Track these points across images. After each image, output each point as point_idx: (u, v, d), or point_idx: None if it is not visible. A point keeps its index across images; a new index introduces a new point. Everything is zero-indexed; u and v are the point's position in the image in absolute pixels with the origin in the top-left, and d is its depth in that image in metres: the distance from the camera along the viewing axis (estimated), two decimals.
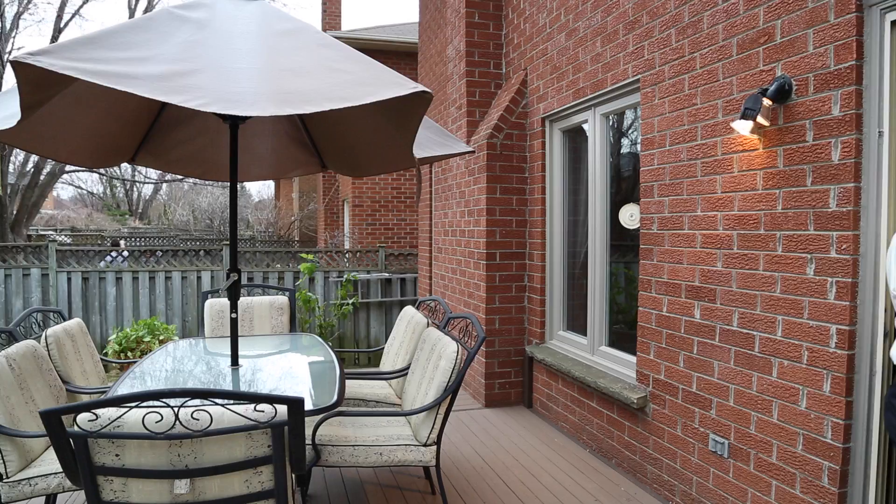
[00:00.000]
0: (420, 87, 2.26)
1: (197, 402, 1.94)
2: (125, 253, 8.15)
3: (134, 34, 2.35)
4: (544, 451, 4.26)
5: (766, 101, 2.66)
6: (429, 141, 3.32)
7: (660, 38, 3.47)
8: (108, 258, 8.11)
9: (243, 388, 2.90)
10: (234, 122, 3.20)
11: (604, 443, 4.08)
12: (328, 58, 2.56)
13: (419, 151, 2.99)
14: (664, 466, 3.48)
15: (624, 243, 4.18)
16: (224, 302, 4.46)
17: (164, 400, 1.85)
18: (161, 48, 2.31)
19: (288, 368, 3.37)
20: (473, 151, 3.63)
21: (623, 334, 4.19)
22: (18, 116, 2.21)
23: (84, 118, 3.24)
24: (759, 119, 2.68)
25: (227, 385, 2.93)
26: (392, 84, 2.34)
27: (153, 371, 3.19)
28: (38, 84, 2.14)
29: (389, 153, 3.63)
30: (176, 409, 1.83)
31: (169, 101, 2.05)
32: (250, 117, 3.42)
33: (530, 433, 4.61)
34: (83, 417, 1.84)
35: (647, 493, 3.60)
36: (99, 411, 1.84)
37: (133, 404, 1.85)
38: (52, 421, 1.82)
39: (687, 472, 3.30)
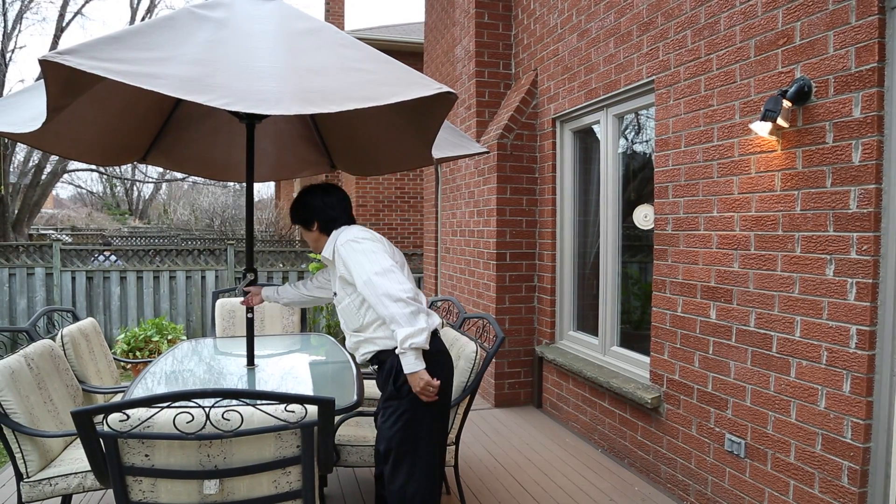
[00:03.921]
0: (445, 88, 2.25)
1: (227, 402, 1.93)
2: (112, 257, 8.11)
3: (156, 34, 2.35)
4: (556, 450, 4.26)
5: (786, 103, 2.66)
6: (444, 141, 3.32)
7: (675, 39, 3.47)
8: (101, 257, 8.07)
9: (260, 387, 2.90)
10: (251, 121, 3.19)
11: (616, 443, 4.08)
12: (350, 57, 2.56)
13: (435, 152, 2.99)
14: (679, 466, 3.48)
15: (636, 244, 4.19)
16: (235, 302, 4.45)
17: (194, 400, 1.85)
18: (184, 48, 2.31)
19: (303, 368, 3.37)
20: (488, 152, 3.64)
21: (635, 335, 4.20)
22: (42, 118, 2.21)
23: (98, 116, 3.23)
24: (779, 121, 2.68)
25: (244, 385, 2.93)
26: (416, 84, 2.34)
27: (169, 371, 3.18)
28: (66, 84, 2.14)
29: (403, 153, 3.62)
30: (207, 410, 1.83)
31: (194, 99, 2.05)
32: (266, 117, 3.41)
33: (541, 433, 4.62)
34: (113, 417, 1.83)
35: (661, 492, 3.60)
36: (129, 411, 1.84)
37: (164, 404, 1.85)
38: (83, 421, 1.82)
39: (702, 472, 3.31)
